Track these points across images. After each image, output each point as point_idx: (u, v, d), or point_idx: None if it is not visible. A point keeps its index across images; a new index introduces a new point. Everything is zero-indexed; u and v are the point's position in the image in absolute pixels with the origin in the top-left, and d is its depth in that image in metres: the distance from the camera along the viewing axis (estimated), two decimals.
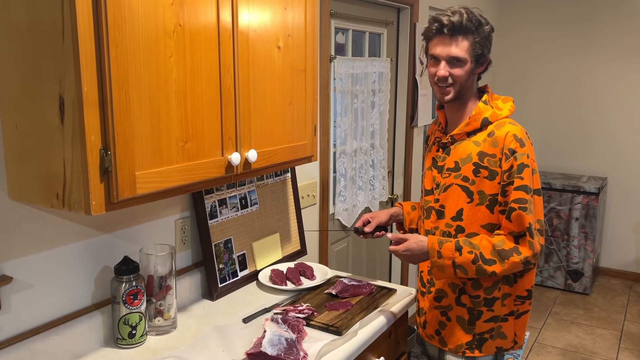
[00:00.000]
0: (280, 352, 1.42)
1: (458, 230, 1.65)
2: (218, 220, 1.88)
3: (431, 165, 1.75)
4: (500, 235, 1.58)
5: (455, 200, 1.65)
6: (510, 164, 1.56)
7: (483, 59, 1.62)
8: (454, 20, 1.54)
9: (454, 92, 1.61)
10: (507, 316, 1.69)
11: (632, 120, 4.51)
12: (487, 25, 1.60)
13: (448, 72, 1.59)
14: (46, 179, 1.18)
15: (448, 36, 1.57)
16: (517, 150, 1.56)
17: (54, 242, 1.44)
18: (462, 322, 1.70)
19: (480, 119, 1.63)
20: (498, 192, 1.59)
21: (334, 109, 2.69)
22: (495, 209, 1.61)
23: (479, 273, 1.56)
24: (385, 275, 3.50)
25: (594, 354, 3.43)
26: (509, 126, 1.60)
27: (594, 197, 4.21)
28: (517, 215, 1.54)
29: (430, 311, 1.76)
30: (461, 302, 1.69)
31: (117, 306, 1.50)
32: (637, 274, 4.66)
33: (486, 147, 1.60)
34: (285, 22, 1.63)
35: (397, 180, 3.46)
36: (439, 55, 1.59)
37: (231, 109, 1.46)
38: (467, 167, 1.62)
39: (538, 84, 4.81)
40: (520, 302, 1.69)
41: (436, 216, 1.71)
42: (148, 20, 1.20)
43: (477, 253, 1.55)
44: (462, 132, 1.65)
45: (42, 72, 1.13)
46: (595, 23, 4.53)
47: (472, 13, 1.57)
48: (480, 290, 1.66)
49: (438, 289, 1.72)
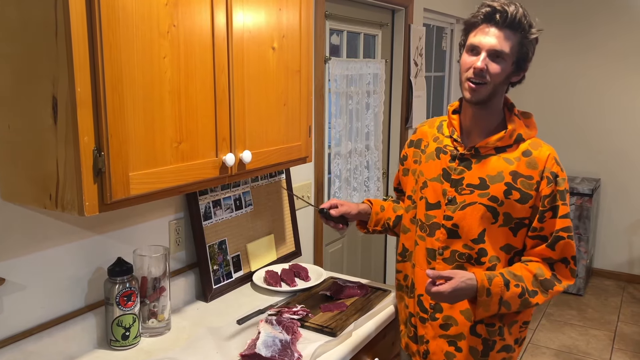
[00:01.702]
0: (274, 354, 1.41)
1: (481, 253, 1.47)
2: (212, 221, 1.87)
3: (440, 177, 1.52)
4: (534, 262, 1.46)
5: (476, 220, 1.46)
6: (551, 189, 1.43)
7: (524, 65, 1.45)
8: (510, 10, 1.37)
9: (486, 93, 1.42)
10: (514, 345, 1.55)
11: (625, 122, 4.54)
12: (537, 31, 1.43)
13: (486, 66, 1.40)
14: (39, 179, 1.18)
15: (498, 26, 1.39)
16: (559, 175, 1.45)
17: (47, 243, 1.43)
18: (475, 353, 1.51)
19: (515, 134, 1.47)
20: (527, 216, 1.46)
21: (328, 110, 2.69)
22: (521, 232, 1.47)
23: (522, 306, 1.43)
24: (379, 277, 3.50)
25: (588, 355, 3.45)
26: (547, 147, 1.47)
27: (587, 199, 4.23)
28: (565, 244, 1.45)
29: (434, 340, 1.55)
30: (476, 332, 1.50)
31: (111, 308, 1.50)
32: (631, 275, 4.69)
33: (521, 167, 1.44)
34: (279, 23, 1.63)
35: (391, 182, 3.47)
36: (481, 45, 1.40)
37: (225, 110, 1.46)
38: (498, 186, 1.45)
39: (531, 85, 4.82)
40: (524, 327, 1.57)
41: (446, 235, 1.50)
42: (142, 21, 1.19)
43: (523, 286, 1.42)
44: (491, 146, 1.47)
45: (36, 72, 1.13)
46: (589, 25, 4.56)
47: (526, 10, 1.41)
48: (495, 319, 1.49)
49: (446, 316, 1.52)
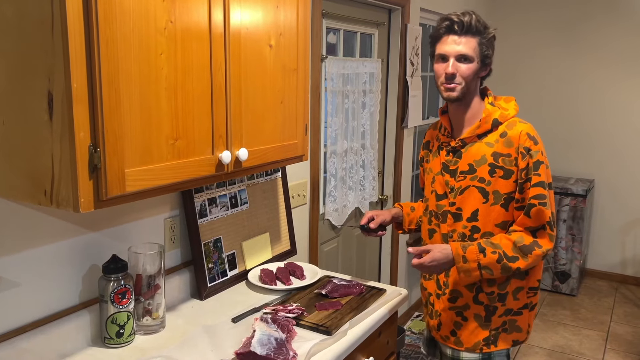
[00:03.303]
0: (269, 352, 1.41)
1: (473, 230, 1.69)
2: (208, 219, 1.87)
3: (441, 170, 1.76)
4: (517, 231, 1.64)
5: (472, 201, 1.68)
6: (526, 162, 1.62)
7: (488, 61, 1.67)
8: (464, 19, 1.61)
9: (460, 91, 1.64)
10: (522, 309, 1.74)
11: (619, 123, 4.56)
12: (492, 29, 1.66)
13: (456, 70, 1.63)
14: (34, 176, 1.17)
15: (458, 34, 1.62)
16: (532, 148, 1.62)
17: (41, 240, 1.42)
18: (479, 319, 1.73)
19: (490, 120, 1.67)
20: (513, 190, 1.64)
21: (324, 109, 2.69)
22: (511, 206, 1.66)
23: (504, 271, 1.61)
24: (375, 276, 3.50)
25: (581, 355, 3.46)
26: (521, 125, 1.66)
27: (581, 199, 4.25)
28: (537, 211, 1.60)
29: (445, 312, 1.78)
30: (478, 300, 1.72)
31: (105, 305, 1.49)
32: (623, 276, 4.71)
33: (500, 147, 1.65)
34: (277, 20, 1.63)
35: (387, 181, 3.47)
36: (448, 53, 1.63)
37: (222, 107, 1.45)
38: (483, 168, 1.66)
39: (526, 87, 4.85)
40: (533, 293, 1.75)
41: (453, 219, 1.73)
42: (139, 17, 1.19)
43: (500, 252, 1.60)
44: (472, 134, 1.68)
45: (31, 67, 1.12)
46: (585, 29, 4.57)
47: (479, 16, 1.64)
48: (494, 287, 1.70)
49: (452, 290, 1.75)
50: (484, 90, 1.75)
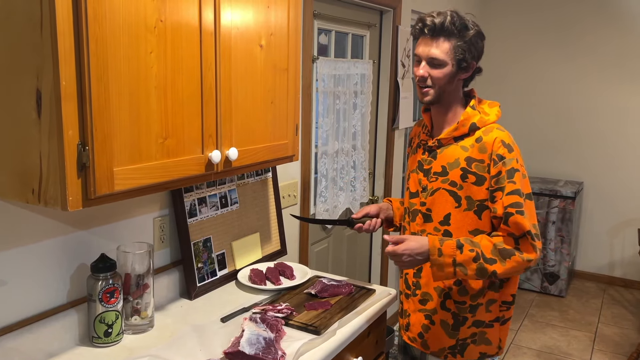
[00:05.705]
0: (258, 352, 1.41)
1: (446, 234, 1.64)
2: (197, 218, 1.86)
3: (416, 168, 1.73)
4: (499, 236, 1.57)
5: (442, 204, 1.64)
6: (498, 169, 1.56)
7: (466, 64, 1.59)
8: (436, 21, 1.54)
9: (434, 94, 1.61)
10: (493, 322, 1.69)
11: (609, 126, 4.60)
12: (473, 30, 1.57)
13: (427, 73, 1.59)
14: (22, 174, 1.16)
15: (429, 37, 1.57)
16: (505, 156, 1.56)
17: (29, 239, 1.41)
18: (446, 326, 1.69)
19: (468, 124, 1.62)
20: (486, 198, 1.59)
21: (315, 109, 2.69)
22: (484, 214, 1.61)
23: (479, 272, 1.53)
24: (364, 276, 3.51)
25: (569, 356, 3.49)
26: (497, 132, 1.60)
27: (570, 201, 4.29)
28: (514, 220, 1.53)
29: (414, 314, 1.76)
30: (446, 307, 1.68)
31: (93, 304, 1.48)
32: (611, 277, 4.75)
33: (474, 152, 1.60)
34: (268, 20, 1.63)
35: (377, 182, 3.48)
36: (420, 55, 1.60)
37: (212, 106, 1.45)
38: (455, 172, 1.62)
39: (515, 89, 4.87)
40: (506, 308, 1.70)
41: (422, 219, 1.69)
42: (129, 15, 1.18)
43: (478, 251, 1.53)
44: (449, 136, 1.64)
45: (19, 65, 1.11)
46: (574, 32, 4.61)
47: (457, 16, 1.56)
48: (466, 297, 1.65)
49: (423, 292, 1.72)
50: (470, 93, 1.71)
